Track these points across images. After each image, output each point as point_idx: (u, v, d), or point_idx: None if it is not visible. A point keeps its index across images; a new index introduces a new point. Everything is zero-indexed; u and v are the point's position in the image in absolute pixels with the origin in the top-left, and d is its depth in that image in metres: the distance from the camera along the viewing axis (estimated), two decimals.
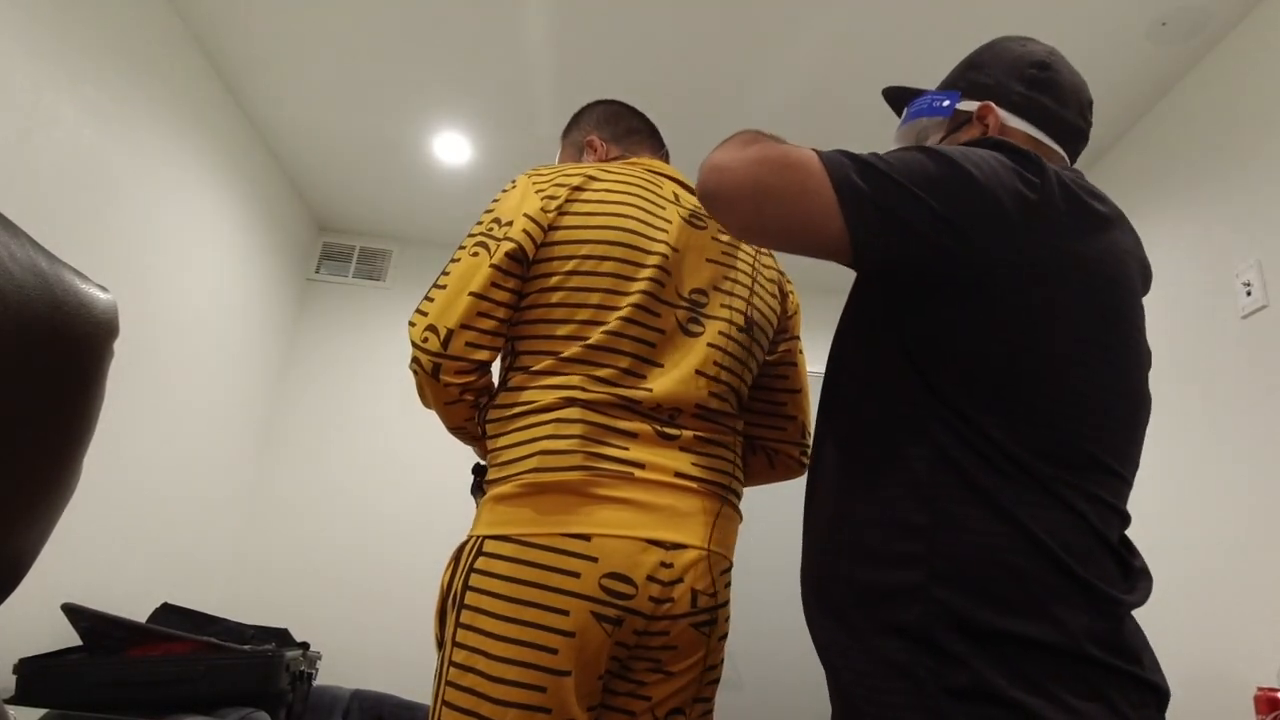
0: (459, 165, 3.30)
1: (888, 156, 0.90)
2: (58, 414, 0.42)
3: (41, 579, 2.20)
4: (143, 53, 2.46)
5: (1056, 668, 0.78)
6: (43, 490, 0.42)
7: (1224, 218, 2.19)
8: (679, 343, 1.15)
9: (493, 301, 1.10)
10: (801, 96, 2.69)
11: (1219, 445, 2.11)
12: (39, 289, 0.39)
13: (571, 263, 1.13)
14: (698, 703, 1.11)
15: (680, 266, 1.18)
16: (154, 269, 2.62)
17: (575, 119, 1.50)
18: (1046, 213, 0.89)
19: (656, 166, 1.32)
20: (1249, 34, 2.19)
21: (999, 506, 0.83)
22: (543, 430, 1.06)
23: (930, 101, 1.12)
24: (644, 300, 1.13)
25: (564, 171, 1.20)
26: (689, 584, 1.04)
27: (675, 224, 1.21)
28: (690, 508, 1.07)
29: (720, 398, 1.17)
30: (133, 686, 2.04)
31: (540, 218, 1.14)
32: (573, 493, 1.02)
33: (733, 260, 1.25)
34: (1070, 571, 0.81)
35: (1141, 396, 0.95)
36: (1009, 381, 0.86)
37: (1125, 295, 0.94)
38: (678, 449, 1.10)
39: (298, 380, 3.71)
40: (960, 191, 0.87)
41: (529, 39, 2.56)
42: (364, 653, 3.19)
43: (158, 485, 2.76)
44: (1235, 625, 1.97)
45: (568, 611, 0.97)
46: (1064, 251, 0.89)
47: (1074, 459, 0.86)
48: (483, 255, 1.11)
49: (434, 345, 1.08)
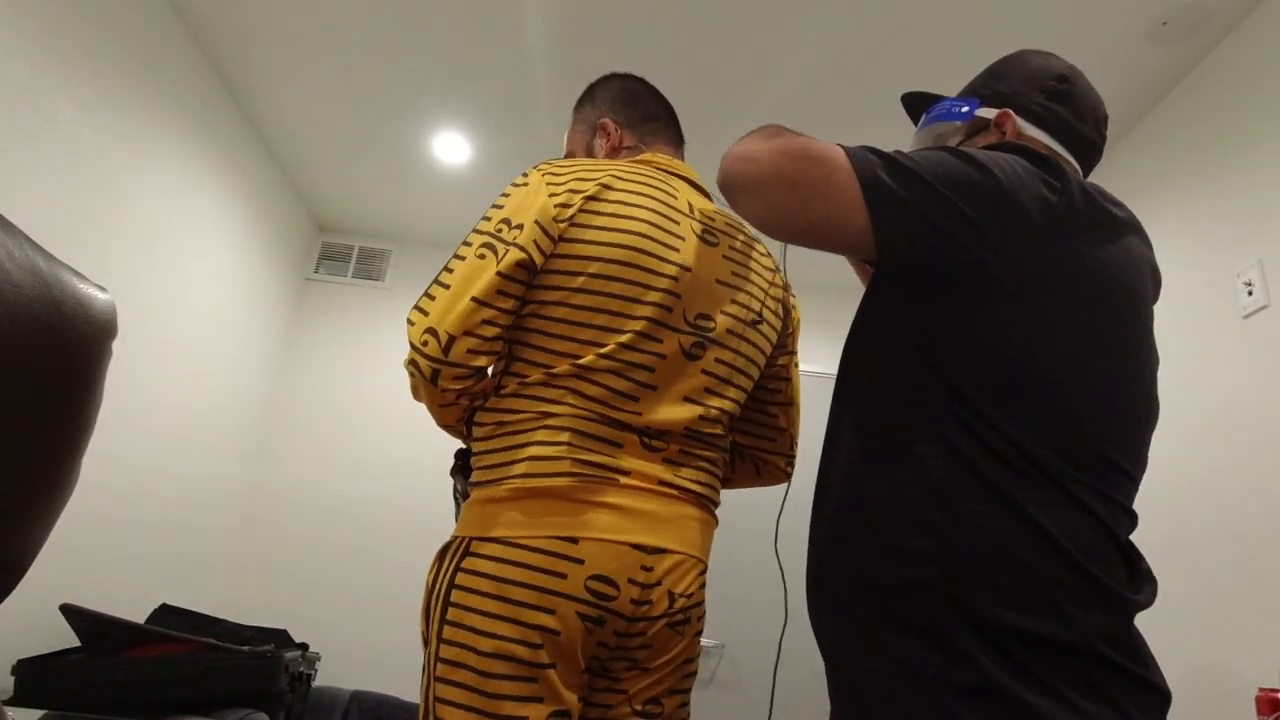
0: (459, 165, 3.29)
1: (914, 155, 0.91)
2: (55, 414, 0.41)
3: (40, 579, 2.20)
4: (141, 52, 2.45)
5: (1066, 667, 0.78)
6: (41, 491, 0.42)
7: (1225, 217, 2.19)
8: (679, 367, 1.14)
9: (496, 309, 1.07)
10: (808, 97, 2.68)
11: (1219, 444, 2.10)
12: (37, 289, 0.39)
13: (579, 279, 1.10)
14: (674, 694, 1.14)
15: (691, 289, 1.16)
16: (152, 269, 2.62)
17: (589, 93, 1.44)
18: (1067, 216, 0.90)
19: (672, 166, 1.29)
20: (1250, 33, 2.19)
21: (1013, 504, 0.83)
22: (531, 437, 1.07)
23: (950, 107, 1.14)
24: (648, 328, 1.12)
25: (579, 174, 1.16)
26: (667, 587, 1.08)
27: (689, 241, 1.19)
28: (671, 514, 1.10)
29: (711, 420, 1.17)
30: (131, 687, 2.03)
31: (551, 228, 1.10)
32: (561, 498, 1.04)
33: (743, 282, 1.24)
34: (1083, 570, 0.81)
35: (1151, 398, 0.96)
36: (1025, 380, 0.87)
37: (1138, 299, 0.96)
38: (661, 460, 1.11)
39: (297, 380, 3.71)
40: (986, 193, 0.88)
41: (529, 37, 2.55)
42: (363, 654, 3.18)
43: (156, 486, 2.76)
44: (1236, 625, 1.96)
45: (554, 610, 1.00)
46: (1082, 255, 0.91)
47: (1087, 458, 0.87)
48: (489, 259, 1.08)
49: (434, 350, 1.06)
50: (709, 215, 1.26)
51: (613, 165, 1.21)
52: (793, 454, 1.39)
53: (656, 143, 1.37)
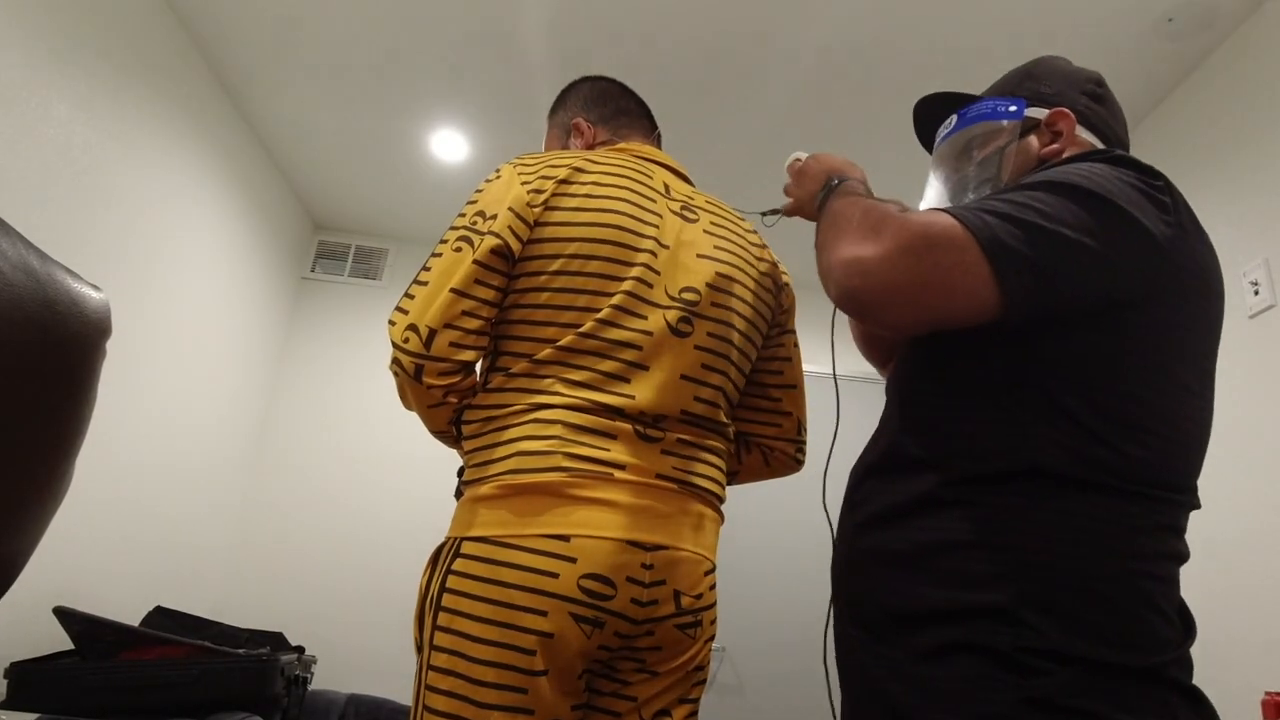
0: (457, 163, 3.27)
1: (1022, 200, 0.84)
2: (49, 415, 0.41)
3: (33, 582, 2.18)
4: (136, 49, 2.43)
5: (1139, 692, 0.77)
6: (34, 492, 0.42)
7: (1231, 216, 2.18)
8: (669, 344, 1.11)
9: (477, 300, 1.06)
10: (816, 90, 2.67)
11: (1225, 445, 2.10)
12: (30, 288, 0.38)
13: (557, 262, 1.09)
14: (683, 704, 1.10)
15: (672, 264, 1.15)
16: (147, 268, 2.60)
17: (561, 98, 1.45)
18: (1181, 234, 0.87)
19: (647, 152, 1.29)
20: (1257, 29, 2.18)
21: (1097, 533, 0.80)
22: (520, 431, 1.05)
23: (995, 106, 1.06)
24: (625, 301, 1.09)
25: (550, 161, 1.16)
26: (671, 585, 1.04)
27: (666, 218, 1.18)
28: (671, 509, 1.06)
29: (707, 402, 1.14)
30: (126, 691, 2.01)
31: (525, 213, 1.10)
32: (551, 494, 1.00)
33: (727, 254, 1.21)
34: (1161, 602, 0.80)
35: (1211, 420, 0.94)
36: (1131, 408, 0.83)
37: (1221, 314, 0.94)
38: (659, 451, 1.08)
39: (293, 381, 3.69)
40: (1112, 226, 0.82)
41: (527, 33, 2.54)
42: (361, 656, 3.16)
43: (151, 487, 2.74)
44: (1242, 628, 1.96)
45: (546, 612, 0.96)
46: (1195, 273, 0.87)
47: (1177, 487, 0.85)
48: (466, 251, 1.07)
49: (415, 346, 1.05)
50: (688, 195, 1.25)
51: (584, 154, 1.20)
52: (801, 440, 1.34)
53: (631, 134, 1.38)
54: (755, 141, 2.93)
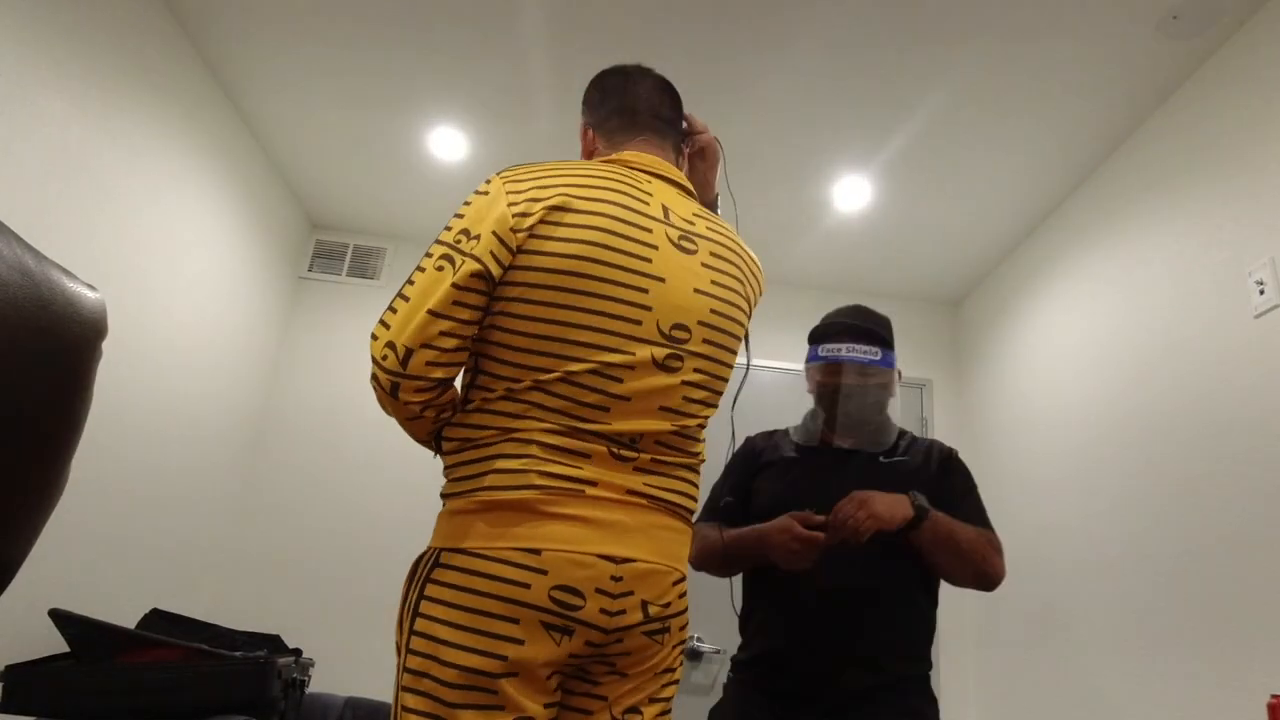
0: (455, 162, 3.26)
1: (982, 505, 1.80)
2: (45, 416, 0.41)
3: (28, 584, 2.16)
4: (131, 47, 2.41)
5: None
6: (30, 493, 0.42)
7: (1236, 215, 2.17)
8: (652, 379, 1.12)
9: (455, 320, 1.08)
10: (808, 98, 2.66)
11: (1231, 446, 2.09)
12: (25, 287, 0.38)
13: (539, 291, 1.10)
14: (654, 703, 1.15)
15: (664, 299, 1.14)
16: (143, 267, 2.58)
17: (585, 91, 1.43)
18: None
19: (647, 164, 1.26)
20: (1262, 27, 2.17)
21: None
22: (496, 449, 1.08)
23: (893, 360, 1.81)
24: (611, 340, 1.10)
25: (541, 181, 1.14)
26: (639, 596, 1.08)
27: (662, 249, 1.16)
28: (639, 523, 1.10)
29: (686, 435, 1.17)
30: (121, 694, 2.01)
31: (509, 238, 1.09)
32: (524, 509, 1.05)
33: (723, 289, 1.22)
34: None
35: None
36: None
37: None
38: (632, 469, 1.12)
39: (290, 380, 3.66)
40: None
41: (525, 30, 2.52)
42: (358, 660, 3.14)
43: (147, 488, 2.72)
44: (1248, 630, 1.95)
45: (518, 620, 1.01)
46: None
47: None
48: (446, 271, 1.09)
49: (392, 364, 1.08)
50: (688, 220, 1.23)
51: (578, 171, 1.18)
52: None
53: (632, 140, 1.33)
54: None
